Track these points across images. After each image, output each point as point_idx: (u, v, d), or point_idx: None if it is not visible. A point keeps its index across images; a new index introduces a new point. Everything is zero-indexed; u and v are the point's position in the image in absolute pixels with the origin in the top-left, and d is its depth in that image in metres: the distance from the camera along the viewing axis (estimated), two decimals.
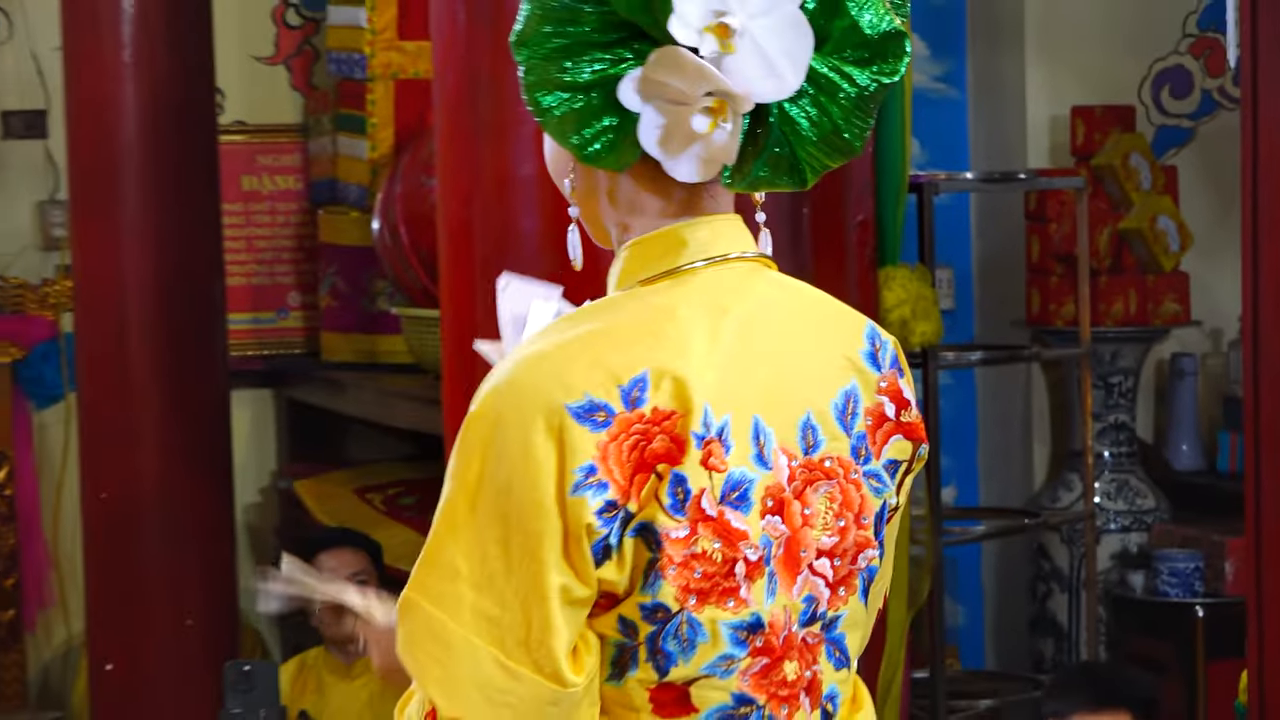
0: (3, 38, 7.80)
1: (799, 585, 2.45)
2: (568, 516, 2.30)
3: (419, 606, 2.42)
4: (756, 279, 2.54)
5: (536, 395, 2.34)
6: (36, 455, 7.81)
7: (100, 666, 6.48)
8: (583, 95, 2.49)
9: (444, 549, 2.41)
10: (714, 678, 2.42)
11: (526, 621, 2.35)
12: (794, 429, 2.46)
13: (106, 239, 6.33)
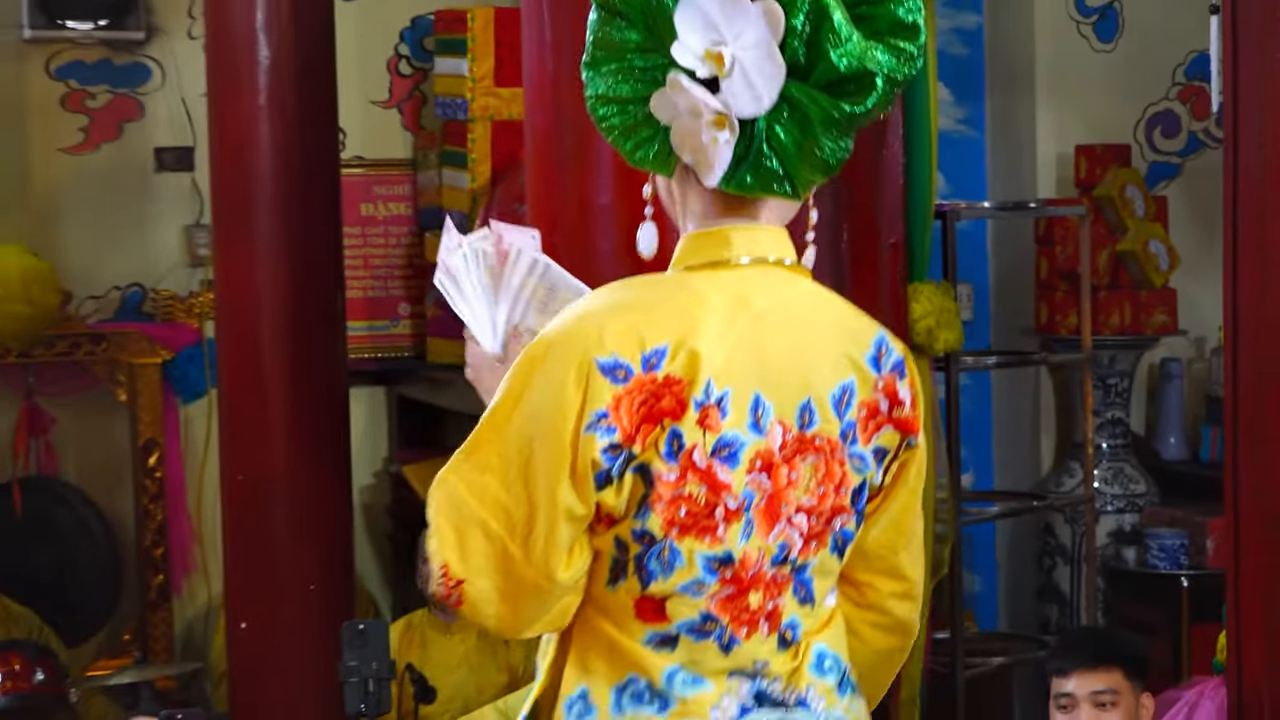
0: (156, 85, 7.83)
1: (775, 533, 2.66)
2: (578, 449, 2.54)
3: (452, 484, 2.65)
4: (785, 282, 2.73)
5: (575, 346, 2.60)
6: (182, 443, 7.84)
7: (236, 625, 6.52)
8: (629, 108, 2.75)
9: (481, 446, 2.65)
10: (686, 596, 2.64)
11: (532, 522, 2.59)
12: (793, 407, 2.65)
13: (244, 257, 6.37)
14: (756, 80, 2.61)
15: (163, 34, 7.81)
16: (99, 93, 7.83)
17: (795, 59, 2.59)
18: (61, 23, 7.64)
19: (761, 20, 2.60)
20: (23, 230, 7.65)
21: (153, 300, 7.88)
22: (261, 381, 6.39)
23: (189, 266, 7.84)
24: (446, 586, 2.65)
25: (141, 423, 7.83)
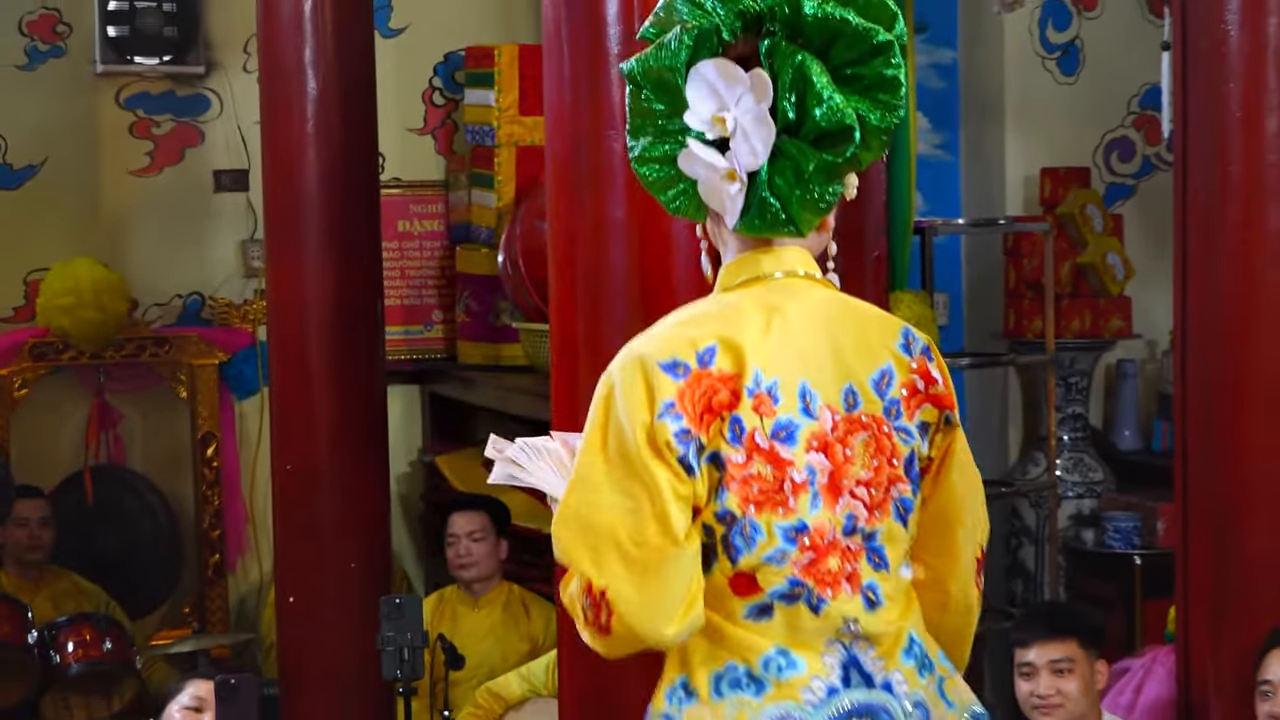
0: (214, 114, 7.84)
1: (841, 504, 2.80)
2: (654, 433, 2.69)
3: (571, 512, 2.80)
4: (813, 290, 2.90)
5: (639, 357, 2.77)
6: (237, 435, 7.84)
7: (285, 599, 6.52)
8: (664, 166, 2.93)
9: (586, 473, 2.80)
10: (772, 565, 2.76)
11: (648, 504, 2.70)
12: (838, 392, 2.83)
13: (293, 269, 6.38)
14: (753, 138, 2.76)
15: (220, 68, 7.82)
16: (163, 121, 7.84)
17: (786, 118, 2.76)
18: (130, 58, 7.66)
19: (753, 86, 2.78)
20: (94, 244, 7.66)
21: (211, 307, 7.89)
22: (308, 380, 6.40)
23: (243, 277, 7.85)
24: (594, 600, 2.71)
25: (200, 417, 7.85)
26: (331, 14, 6.31)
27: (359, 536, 6.47)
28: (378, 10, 6.73)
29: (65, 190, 7.72)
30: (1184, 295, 4.82)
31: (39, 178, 7.69)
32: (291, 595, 6.49)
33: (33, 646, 6.91)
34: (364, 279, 6.47)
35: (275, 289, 6.52)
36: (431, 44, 8.11)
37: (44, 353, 7.58)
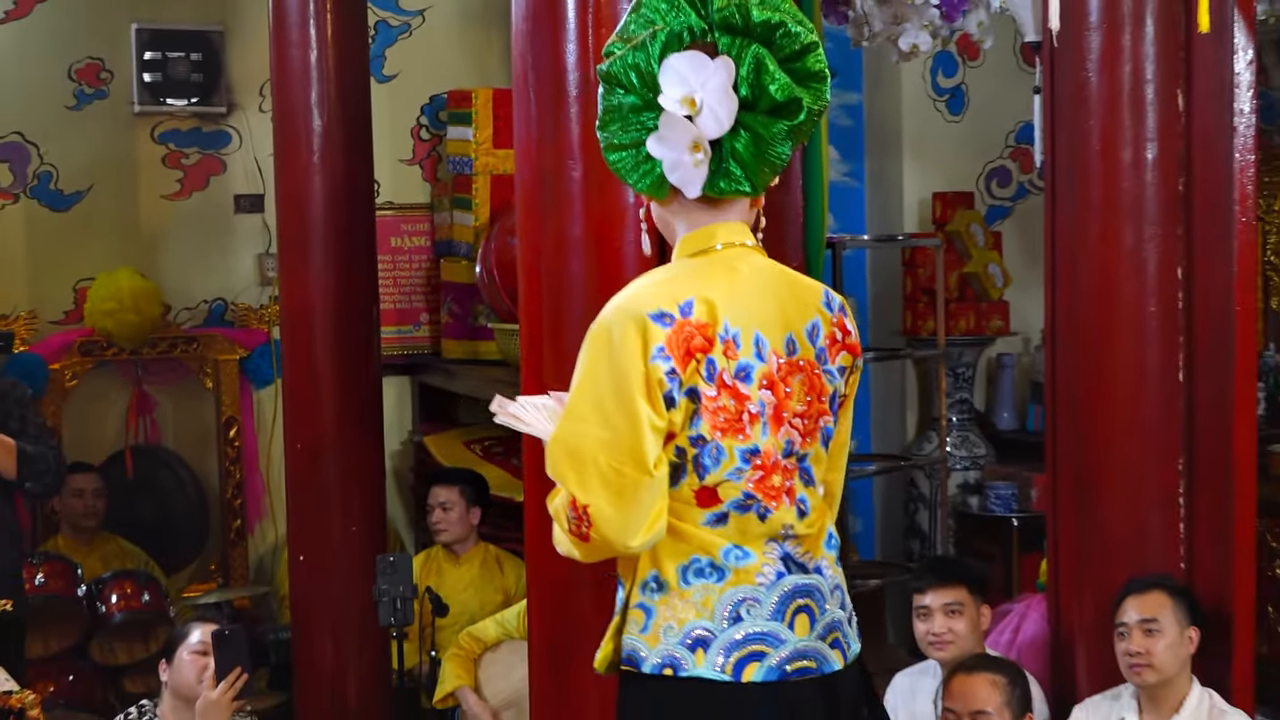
0: (235, 147, 7.81)
1: (782, 432, 2.98)
2: (648, 374, 2.84)
3: (562, 440, 2.90)
4: (756, 256, 3.07)
5: (629, 312, 2.90)
6: (255, 419, 7.82)
7: (296, 558, 6.50)
8: (633, 151, 3.04)
9: (577, 405, 2.91)
10: (731, 481, 2.94)
11: (627, 438, 2.84)
12: (781, 340, 2.99)
13: (302, 278, 6.35)
14: (718, 110, 2.90)
15: (240, 108, 7.80)
16: (191, 153, 7.81)
17: (745, 96, 2.91)
18: (163, 100, 7.63)
19: (719, 70, 2.91)
20: (133, 257, 7.62)
21: (232, 310, 7.87)
22: (315, 373, 6.38)
23: (260, 285, 7.82)
24: (576, 514, 2.84)
25: (224, 404, 7.83)
26: (334, 63, 6.29)
27: (358, 504, 6.45)
28: (373, 60, 6.73)
29: (108, 212, 7.69)
30: (1053, 299, 4.84)
31: (85, 201, 7.65)
32: (302, 554, 6.47)
33: (82, 599, 6.91)
34: (362, 286, 6.46)
35: (287, 295, 6.50)
36: (418, 88, 8.09)
37: (90, 350, 7.54)
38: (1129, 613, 4.35)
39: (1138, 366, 4.59)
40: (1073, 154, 4.68)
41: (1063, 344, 4.79)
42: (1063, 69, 4.69)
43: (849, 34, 6.71)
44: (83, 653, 6.94)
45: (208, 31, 7.70)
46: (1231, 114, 4.49)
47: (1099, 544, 4.64)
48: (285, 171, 6.41)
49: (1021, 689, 4.03)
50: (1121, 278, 4.58)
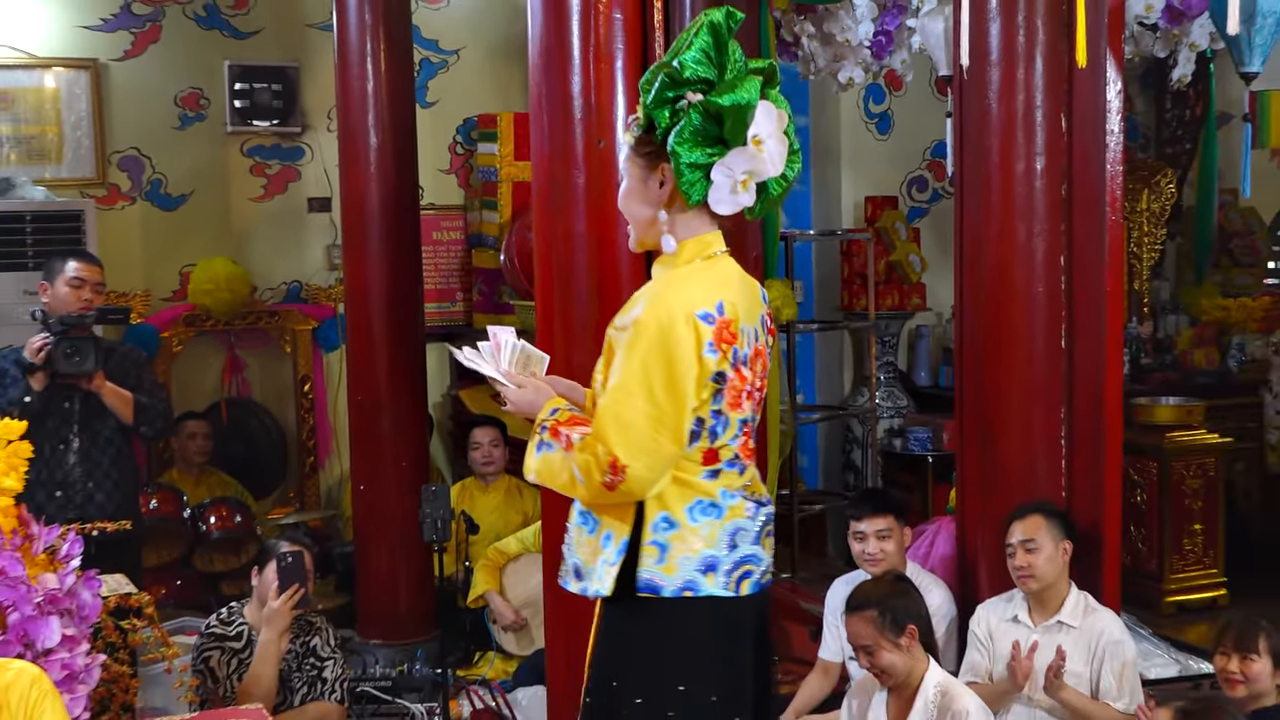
0: (308, 159, 7.79)
1: (751, 405, 3.00)
2: (701, 367, 2.84)
3: (614, 409, 2.83)
4: (732, 261, 3.06)
5: (684, 311, 2.84)
6: (324, 377, 7.80)
7: (357, 487, 6.52)
8: (701, 170, 2.91)
9: (629, 383, 2.84)
10: (729, 445, 2.96)
11: (672, 418, 2.84)
12: (753, 331, 2.98)
13: (361, 264, 6.35)
14: (776, 153, 2.91)
15: (311, 129, 7.77)
16: (272, 164, 7.79)
17: (792, 144, 2.98)
18: (250, 122, 7.61)
19: (781, 119, 2.93)
20: (227, 248, 7.63)
21: (306, 290, 7.86)
22: (371, 340, 6.38)
23: (328, 269, 7.82)
24: (614, 470, 2.80)
25: (299, 365, 7.81)
26: (386, 92, 6.28)
27: (407, 445, 6.46)
28: (418, 89, 6.72)
29: (206, 211, 7.67)
30: (961, 282, 4.84)
31: (189, 203, 7.63)
32: (361, 484, 6.49)
33: (187, 520, 6.94)
34: (409, 271, 6.46)
35: (349, 278, 6.49)
36: (454, 112, 8.08)
37: (193, 321, 7.53)
38: (1014, 534, 4.36)
39: (1028, 336, 4.59)
40: (977, 166, 4.67)
41: (969, 318, 4.79)
42: (969, 97, 4.68)
43: (798, 69, 6.73)
44: (188, 563, 6.97)
45: (286, 67, 7.67)
46: (1104, 134, 4.49)
47: (996, 477, 4.65)
48: (348, 179, 6.40)
49: (895, 610, 3.97)
50: (1015, 265, 4.58)
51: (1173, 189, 8.05)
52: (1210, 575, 6.12)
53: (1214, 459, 6.19)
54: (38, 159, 7.35)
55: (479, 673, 6.11)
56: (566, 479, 2.90)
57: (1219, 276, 8.42)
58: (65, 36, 7.36)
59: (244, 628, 4.94)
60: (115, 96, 7.48)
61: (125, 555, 5.05)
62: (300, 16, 7.74)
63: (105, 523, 4.81)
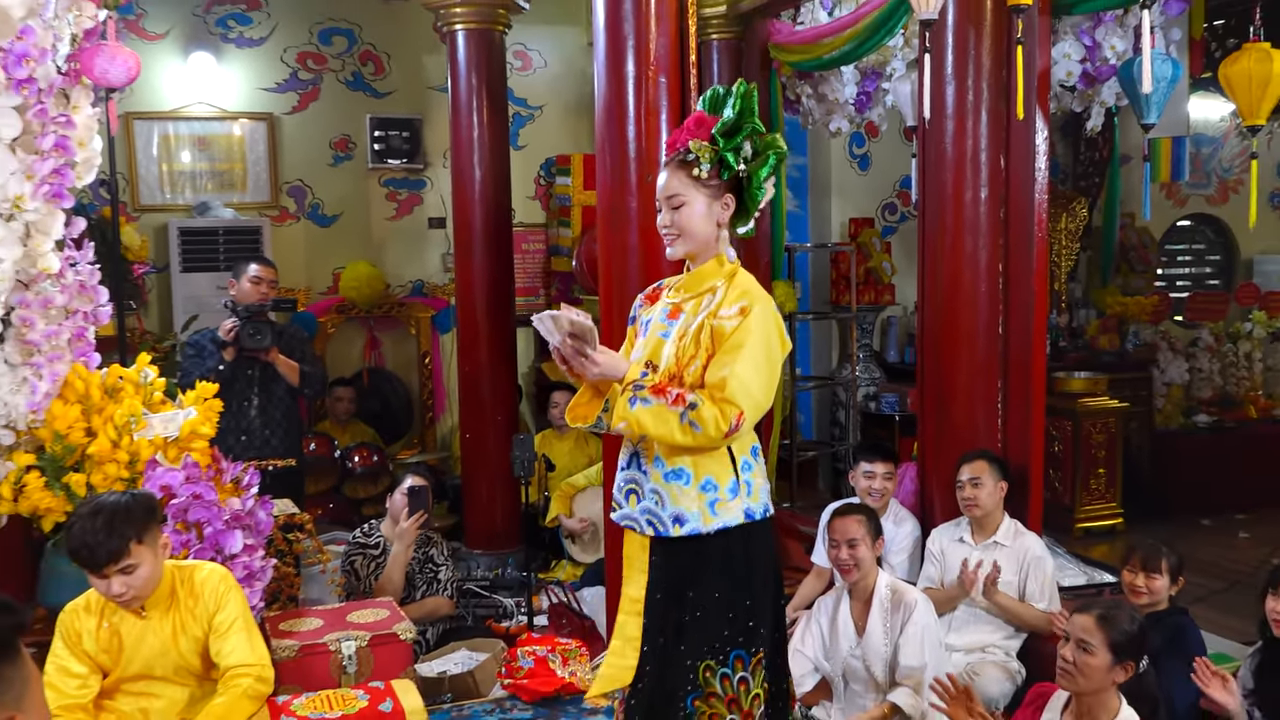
0: (429, 189, 7.79)
1: None
2: (784, 344, 2.72)
3: (743, 375, 2.63)
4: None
5: (770, 301, 2.72)
6: (441, 353, 7.81)
7: (464, 435, 6.52)
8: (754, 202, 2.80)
9: (755, 354, 2.65)
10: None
11: (769, 384, 2.67)
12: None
13: (467, 267, 6.34)
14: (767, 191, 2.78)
15: (431, 165, 7.78)
16: (402, 192, 7.79)
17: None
18: (385, 160, 7.63)
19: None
20: (368, 255, 7.65)
21: (427, 287, 7.87)
22: (475, 324, 6.38)
23: (443, 271, 7.83)
24: (737, 423, 2.62)
25: (421, 343, 7.81)
26: (488, 138, 6.27)
27: (501, 404, 6.47)
28: (512, 136, 6.69)
29: (352, 227, 7.69)
30: (922, 283, 4.80)
31: (339, 221, 7.65)
32: (468, 433, 6.49)
33: (336, 458, 6.97)
34: (504, 273, 6.44)
35: (459, 278, 6.47)
36: (539, 153, 8.06)
37: (342, 310, 7.55)
38: (963, 474, 4.34)
39: (973, 324, 4.56)
40: (935, 194, 4.63)
41: (928, 310, 4.76)
42: (930, 142, 4.64)
43: (799, 120, 6.69)
44: (338, 491, 7.00)
45: (412, 119, 7.67)
46: (1033, 171, 4.44)
47: (949, 432, 4.63)
48: (458, 203, 6.38)
49: (873, 522, 3.97)
50: (964, 270, 4.55)
51: (1085, 213, 8.00)
52: (1110, 508, 6.11)
53: (1114, 419, 6.17)
54: (227, 188, 7.40)
55: (555, 576, 6.12)
56: (673, 426, 2.63)
57: (1119, 280, 8.42)
58: (249, 96, 7.39)
59: (380, 539, 4.97)
60: (285, 141, 7.50)
61: (291, 485, 5.09)
62: (423, 80, 7.73)
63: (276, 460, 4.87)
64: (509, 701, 4.32)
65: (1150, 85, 4.39)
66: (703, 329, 2.72)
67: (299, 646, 3.71)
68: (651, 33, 4.26)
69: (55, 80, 3.30)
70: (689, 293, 2.80)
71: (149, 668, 2.97)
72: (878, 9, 5.07)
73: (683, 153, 2.76)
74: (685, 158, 2.75)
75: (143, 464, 3.46)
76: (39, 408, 3.49)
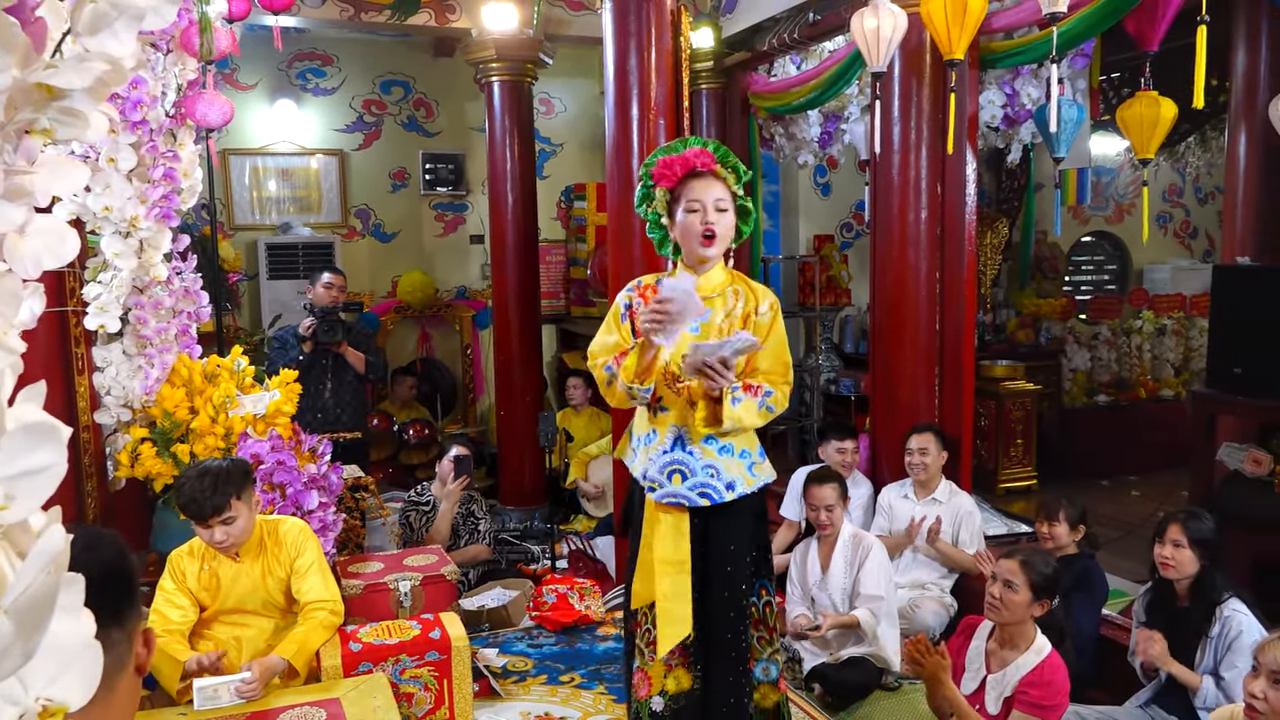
0: (470, 211, 7.73)
1: None
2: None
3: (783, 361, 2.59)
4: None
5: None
6: (481, 346, 7.78)
7: (499, 412, 6.51)
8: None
9: (785, 342, 2.64)
10: None
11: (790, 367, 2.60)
12: None
13: (502, 276, 6.31)
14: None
15: (472, 192, 7.73)
16: (449, 214, 7.75)
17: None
18: (435, 188, 7.58)
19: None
20: (421, 264, 7.61)
21: (469, 292, 7.82)
22: (508, 323, 6.35)
23: (482, 279, 7.77)
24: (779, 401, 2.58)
25: (464, 337, 7.76)
26: (518, 169, 6.23)
27: (529, 387, 6.43)
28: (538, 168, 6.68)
29: (408, 243, 7.65)
30: (873, 288, 4.77)
31: (397, 238, 7.61)
32: (502, 411, 6.46)
33: (395, 431, 6.93)
34: (531, 280, 6.39)
35: (495, 284, 6.43)
36: (559, 182, 8.01)
37: (401, 310, 7.51)
38: (912, 443, 4.32)
39: (915, 321, 4.53)
40: (884, 216, 4.60)
41: (878, 310, 4.73)
42: (880, 172, 4.61)
43: (773, 155, 6.64)
44: (395, 458, 6.98)
45: (456, 154, 7.62)
46: (964, 196, 4.41)
47: (895, 409, 4.60)
48: (494, 224, 6.35)
49: (843, 488, 3.94)
50: (907, 278, 4.52)
51: (1006, 231, 7.96)
52: (1027, 471, 6.08)
53: (1030, 399, 6.14)
54: (305, 210, 7.36)
55: (573, 528, 6.11)
56: (756, 413, 2.57)
57: (1034, 285, 8.38)
58: (324, 136, 7.36)
59: (431, 498, 4.95)
60: (353, 172, 7.46)
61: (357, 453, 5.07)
62: (466, 123, 7.68)
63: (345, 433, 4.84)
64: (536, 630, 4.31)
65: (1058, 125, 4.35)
66: (747, 324, 2.65)
67: (364, 585, 3.69)
68: (652, 83, 4.23)
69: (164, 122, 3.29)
70: (704, 293, 2.65)
71: (242, 603, 2.95)
72: (837, 64, 5.04)
73: (725, 171, 2.67)
74: (724, 175, 2.66)
75: (236, 436, 3.44)
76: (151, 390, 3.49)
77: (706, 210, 2.62)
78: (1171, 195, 9.18)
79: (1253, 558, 3.92)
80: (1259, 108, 4.93)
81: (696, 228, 2.62)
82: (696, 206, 2.63)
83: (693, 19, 5.82)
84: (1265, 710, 2.21)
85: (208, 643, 2.91)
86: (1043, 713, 2.75)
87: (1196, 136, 7.88)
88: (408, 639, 3.12)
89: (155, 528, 3.57)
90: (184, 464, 3.32)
